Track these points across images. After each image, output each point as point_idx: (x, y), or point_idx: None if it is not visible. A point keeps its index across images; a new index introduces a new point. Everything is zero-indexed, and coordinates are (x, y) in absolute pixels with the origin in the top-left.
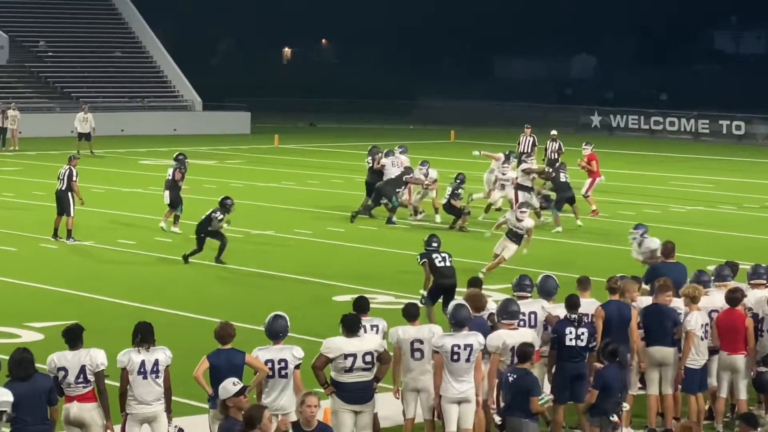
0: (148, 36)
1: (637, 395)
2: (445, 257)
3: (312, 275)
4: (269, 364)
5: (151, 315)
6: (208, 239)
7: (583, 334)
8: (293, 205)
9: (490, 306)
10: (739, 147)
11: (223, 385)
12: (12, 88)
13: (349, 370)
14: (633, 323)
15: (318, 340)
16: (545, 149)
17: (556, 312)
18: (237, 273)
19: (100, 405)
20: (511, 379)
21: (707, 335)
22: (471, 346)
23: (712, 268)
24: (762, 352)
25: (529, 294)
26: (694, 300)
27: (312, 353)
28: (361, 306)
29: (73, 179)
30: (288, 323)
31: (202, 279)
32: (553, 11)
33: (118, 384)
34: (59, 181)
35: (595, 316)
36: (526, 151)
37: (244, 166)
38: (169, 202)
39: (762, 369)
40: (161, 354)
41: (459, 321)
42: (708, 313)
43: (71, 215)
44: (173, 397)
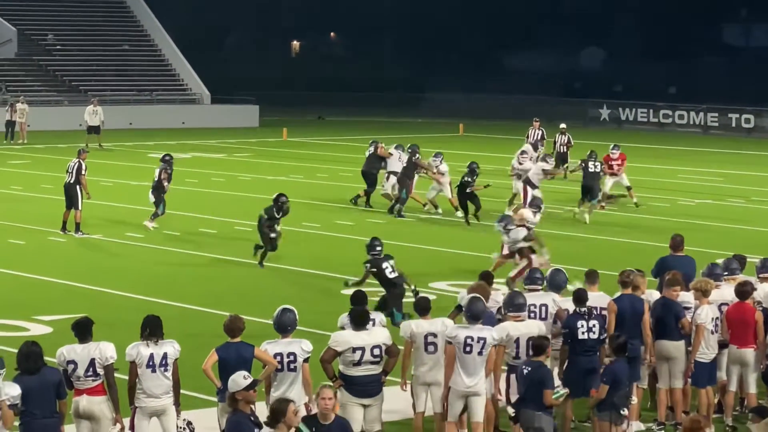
0: (156, 29)
1: (646, 389)
2: (393, 265)
3: (320, 268)
4: (278, 357)
5: (160, 308)
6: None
7: (595, 326)
8: (301, 198)
9: (498, 299)
10: (749, 140)
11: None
12: (20, 81)
13: (358, 363)
14: (646, 317)
15: (326, 333)
16: (554, 142)
17: (566, 306)
18: (245, 266)
19: (109, 398)
20: (526, 372)
21: (717, 329)
22: (484, 339)
23: (720, 261)
24: None
25: (540, 287)
26: (705, 294)
27: (320, 346)
28: (358, 299)
29: (82, 173)
30: (296, 317)
31: (210, 272)
32: (562, 4)
33: (126, 377)
34: (68, 175)
35: (608, 310)
36: (537, 145)
37: (252, 159)
38: (153, 201)
39: None
40: (170, 347)
41: (474, 314)
42: (718, 307)
43: (79, 209)
44: (182, 391)
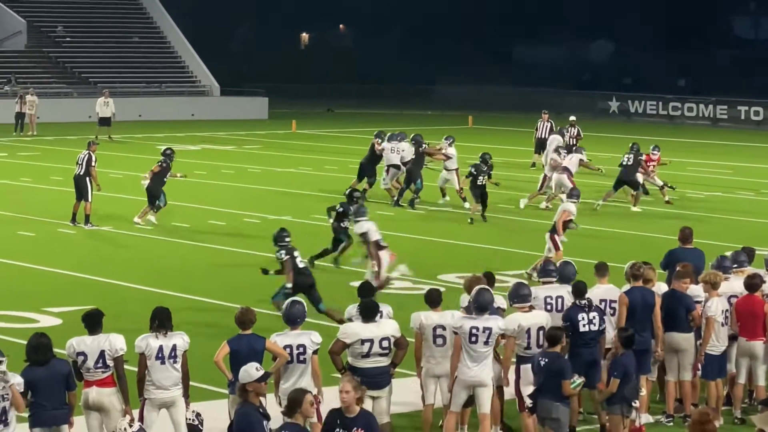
0: (165, 21)
1: (654, 381)
2: (298, 255)
3: (328, 260)
4: (288, 349)
5: (169, 300)
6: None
7: (595, 318)
8: (310, 191)
9: (498, 301)
10: (758, 133)
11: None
12: (30, 73)
13: (366, 355)
14: (657, 309)
15: (335, 325)
16: (563, 134)
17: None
18: (254, 258)
19: (119, 390)
20: (543, 363)
21: (727, 321)
22: (490, 329)
23: (729, 253)
24: None
25: (554, 279)
26: (714, 286)
27: (329, 338)
28: (366, 291)
29: (92, 165)
30: (305, 309)
31: (219, 264)
32: None
33: (136, 369)
34: (77, 166)
35: (619, 302)
36: (545, 137)
37: (261, 151)
38: (150, 195)
39: None
40: (179, 339)
41: (481, 305)
42: (727, 299)
43: (89, 200)
44: (191, 383)
